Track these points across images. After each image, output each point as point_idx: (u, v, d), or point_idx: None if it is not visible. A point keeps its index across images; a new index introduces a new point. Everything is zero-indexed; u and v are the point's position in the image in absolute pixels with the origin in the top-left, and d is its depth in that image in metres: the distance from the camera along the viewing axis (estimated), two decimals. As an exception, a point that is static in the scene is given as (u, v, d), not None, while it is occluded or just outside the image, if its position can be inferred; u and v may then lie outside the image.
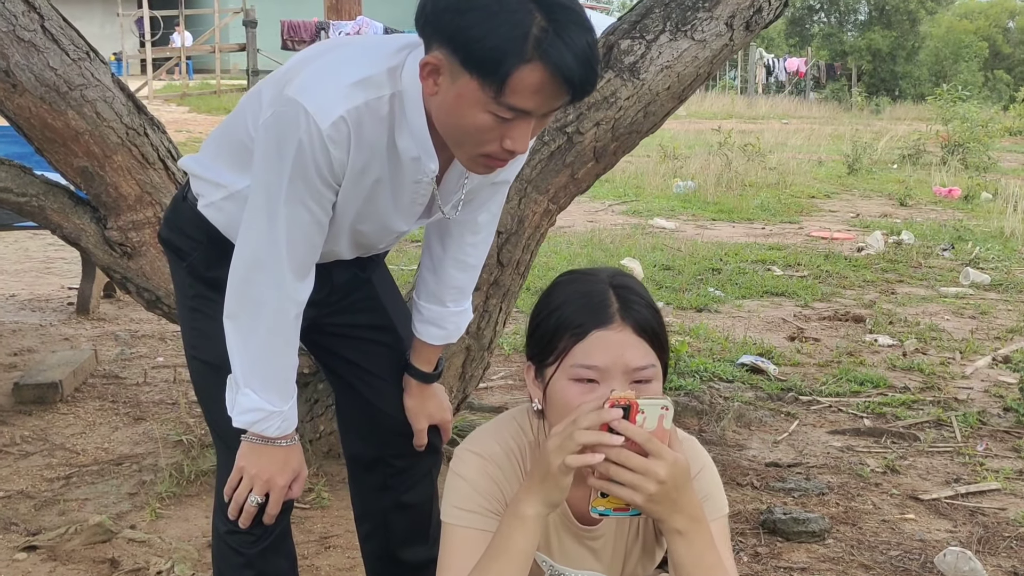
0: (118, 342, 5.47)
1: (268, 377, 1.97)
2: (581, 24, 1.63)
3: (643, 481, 1.59)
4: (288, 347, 1.98)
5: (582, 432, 1.60)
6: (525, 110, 1.67)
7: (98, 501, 3.51)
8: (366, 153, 1.83)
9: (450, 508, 1.82)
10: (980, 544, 3.39)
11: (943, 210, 11.67)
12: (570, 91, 1.65)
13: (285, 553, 2.25)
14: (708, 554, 1.68)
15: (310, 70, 1.81)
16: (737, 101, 29.75)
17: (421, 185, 1.93)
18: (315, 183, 1.82)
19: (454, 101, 1.70)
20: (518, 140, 1.72)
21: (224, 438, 2.13)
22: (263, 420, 1.98)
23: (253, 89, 2.00)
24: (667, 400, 1.63)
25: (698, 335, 5.86)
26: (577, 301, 1.75)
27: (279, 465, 2.03)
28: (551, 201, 3.38)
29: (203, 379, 2.19)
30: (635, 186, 12.50)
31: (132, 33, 25.77)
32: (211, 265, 2.09)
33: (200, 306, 2.14)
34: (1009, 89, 33.91)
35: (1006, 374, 5.34)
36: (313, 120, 1.74)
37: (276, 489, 2.04)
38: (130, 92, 3.38)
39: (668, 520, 1.65)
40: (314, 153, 1.77)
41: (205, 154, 2.11)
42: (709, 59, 3.31)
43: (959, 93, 18.19)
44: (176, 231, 2.16)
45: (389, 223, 2.03)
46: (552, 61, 1.61)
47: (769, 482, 3.83)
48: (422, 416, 2.29)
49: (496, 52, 1.60)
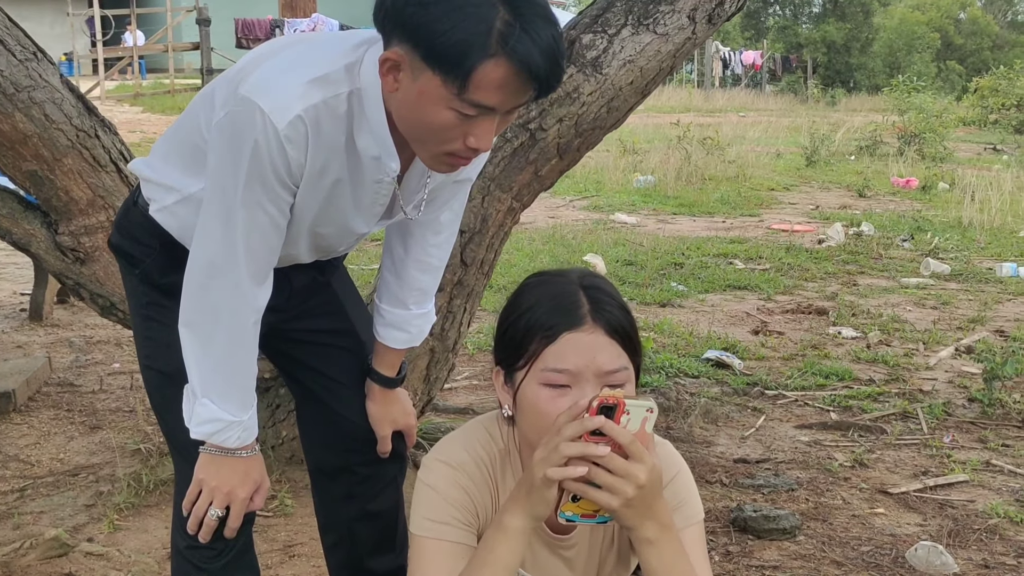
0: (73, 349, 5.35)
1: (227, 386, 1.90)
2: (546, 18, 1.58)
3: (623, 484, 1.55)
4: (247, 355, 1.91)
5: (567, 444, 1.55)
6: (489, 106, 1.62)
7: (54, 514, 3.41)
8: (324, 153, 1.77)
9: (420, 519, 1.77)
10: (950, 537, 3.37)
11: (901, 201, 11.74)
12: (535, 86, 1.60)
13: (247, 566, 2.18)
14: (679, 563, 1.65)
15: (265, 68, 1.75)
16: (694, 94, 29.85)
17: (382, 185, 1.88)
18: (272, 185, 1.75)
19: (415, 98, 1.64)
20: (482, 138, 1.67)
21: (181, 450, 2.06)
22: (222, 431, 1.91)
23: (205, 89, 1.93)
24: (653, 403, 1.60)
25: (663, 330, 5.84)
26: (547, 303, 1.70)
27: (240, 477, 1.96)
28: (515, 199, 3.32)
29: (158, 390, 2.12)
30: (595, 181, 12.48)
31: (83, 33, 25.40)
32: (165, 272, 2.02)
33: (154, 314, 2.07)
34: (961, 80, 34.24)
35: (969, 364, 5.35)
36: (269, 119, 1.68)
37: (237, 502, 1.97)
38: (80, 93, 3.28)
39: (639, 528, 1.62)
40: (271, 154, 1.71)
41: (156, 157, 2.03)
42: (672, 53, 3.27)
43: (914, 84, 18.34)
44: (127, 237, 2.08)
45: (349, 225, 1.96)
46: (517, 56, 1.55)
47: (738, 479, 3.80)
48: (386, 422, 2.23)
49: (459, 47, 1.55)
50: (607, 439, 1.55)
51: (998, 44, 40.70)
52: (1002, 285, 7.38)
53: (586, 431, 1.55)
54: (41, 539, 3.11)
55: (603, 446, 1.55)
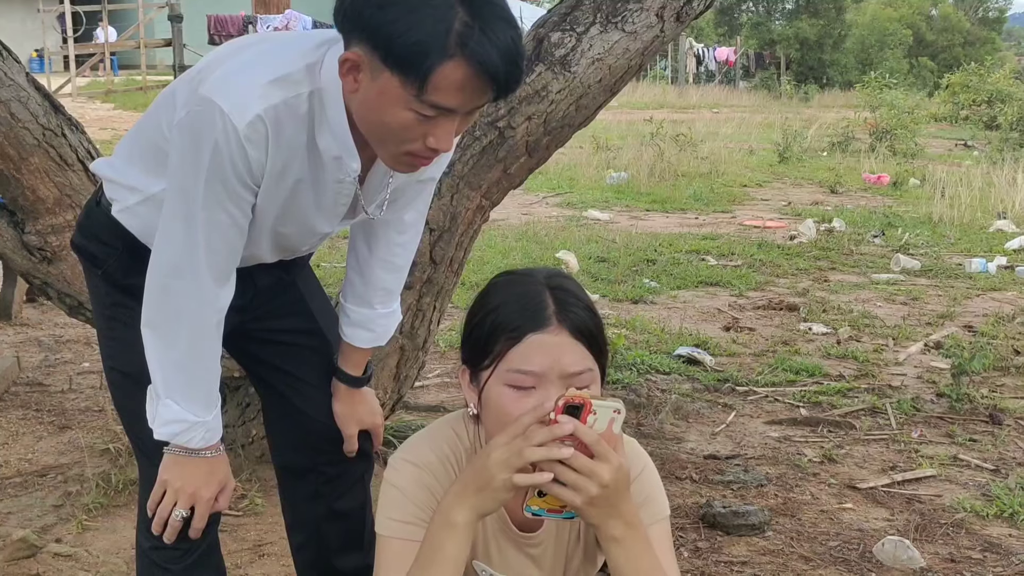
0: (42, 348, 5.32)
1: (190, 387, 1.90)
2: (505, 19, 1.58)
3: (586, 483, 1.56)
4: (211, 355, 1.91)
5: (532, 449, 1.55)
6: (448, 108, 1.62)
7: (21, 515, 3.39)
8: (285, 153, 1.76)
9: (384, 519, 1.77)
10: (917, 532, 3.40)
11: (873, 196, 11.81)
12: (494, 88, 1.60)
13: (213, 566, 2.18)
14: (645, 560, 1.65)
15: (225, 68, 1.74)
16: (668, 91, 29.92)
17: (344, 185, 1.87)
18: (233, 185, 1.75)
19: (375, 98, 1.64)
20: (442, 138, 1.67)
21: (145, 451, 2.06)
22: (186, 431, 1.91)
23: (167, 88, 1.93)
24: (620, 404, 1.60)
25: (634, 327, 5.85)
26: (513, 303, 1.70)
27: (204, 477, 1.96)
28: (484, 197, 3.32)
29: (122, 391, 2.11)
30: (568, 178, 12.49)
31: (54, 29, 25.21)
32: (128, 272, 2.01)
33: (117, 315, 2.06)
34: (933, 76, 34.42)
35: (938, 359, 5.39)
36: (229, 120, 1.68)
37: (202, 502, 1.97)
38: (46, 92, 3.26)
39: (604, 526, 1.62)
40: (231, 154, 1.71)
41: (118, 157, 2.02)
42: (640, 51, 3.27)
43: (885, 81, 18.44)
44: (90, 237, 2.07)
45: (311, 224, 1.96)
46: (476, 57, 1.55)
47: (708, 475, 3.82)
48: (352, 421, 2.23)
49: (418, 48, 1.55)
50: (573, 438, 1.56)
51: (969, 40, 40.93)
52: (971, 281, 7.44)
53: (554, 438, 1.55)
54: (9, 540, 3.09)
55: (567, 447, 1.55)
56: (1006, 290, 7.19)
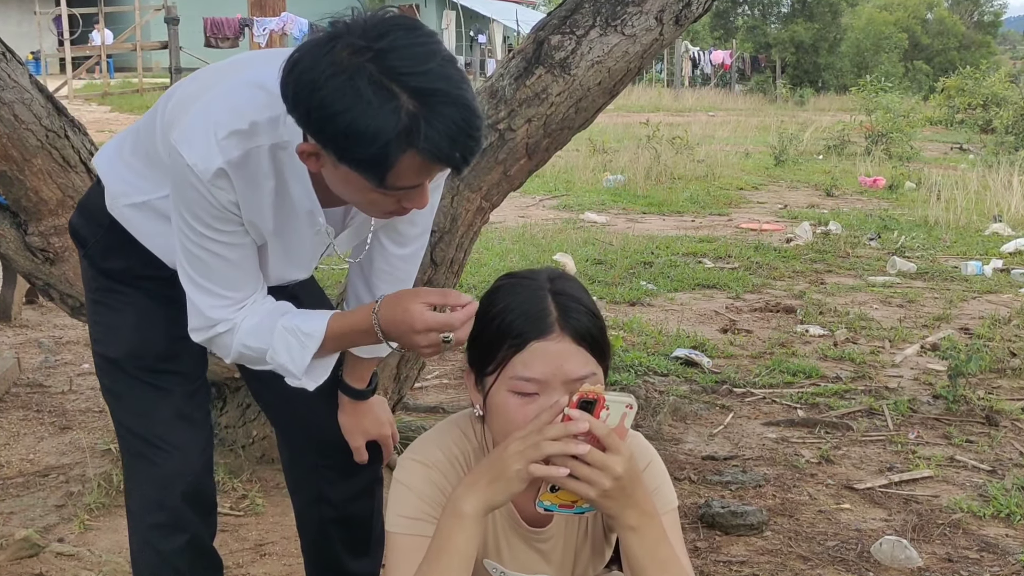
0: (42, 349, 5.33)
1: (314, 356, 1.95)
2: (451, 102, 1.54)
3: (600, 476, 1.59)
4: (296, 323, 1.93)
5: (549, 443, 1.58)
6: (412, 186, 1.65)
7: (24, 515, 3.41)
8: (251, 206, 1.82)
9: (395, 517, 1.80)
10: (915, 532, 3.43)
11: (868, 200, 11.85)
12: (450, 167, 1.61)
13: (207, 551, 2.25)
14: (661, 548, 1.68)
15: (191, 116, 1.78)
16: (664, 94, 30.01)
17: (320, 236, 1.93)
18: (218, 218, 1.81)
19: (342, 182, 1.68)
20: (415, 200, 1.70)
21: (123, 435, 2.13)
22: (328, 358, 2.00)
23: (162, 99, 1.97)
24: (632, 399, 1.63)
25: (632, 329, 5.87)
26: (516, 310, 1.72)
27: (403, 328, 1.87)
28: (484, 199, 3.35)
29: (105, 375, 2.16)
30: (565, 180, 12.52)
31: (50, 31, 25.24)
32: (107, 254, 2.07)
33: (102, 298, 2.11)
34: (928, 79, 34.47)
35: (934, 361, 5.42)
36: (195, 171, 1.74)
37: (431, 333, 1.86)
38: (49, 93, 3.28)
39: (620, 516, 1.65)
40: (207, 196, 1.77)
41: (120, 158, 2.07)
42: (639, 54, 3.29)
43: (881, 84, 18.48)
44: (84, 216, 2.13)
45: (281, 274, 2.03)
46: (427, 149, 1.54)
47: (706, 475, 3.84)
48: (357, 433, 2.24)
49: (371, 153, 1.54)
50: (586, 433, 1.58)
51: (964, 44, 41.01)
52: (967, 283, 7.47)
53: (570, 434, 1.58)
54: (11, 540, 3.11)
55: (583, 444, 1.58)
56: (1002, 292, 7.22)
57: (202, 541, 2.20)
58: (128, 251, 2.04)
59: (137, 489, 2.17)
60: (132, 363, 2.09)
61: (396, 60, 1.52)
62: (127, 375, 2.09)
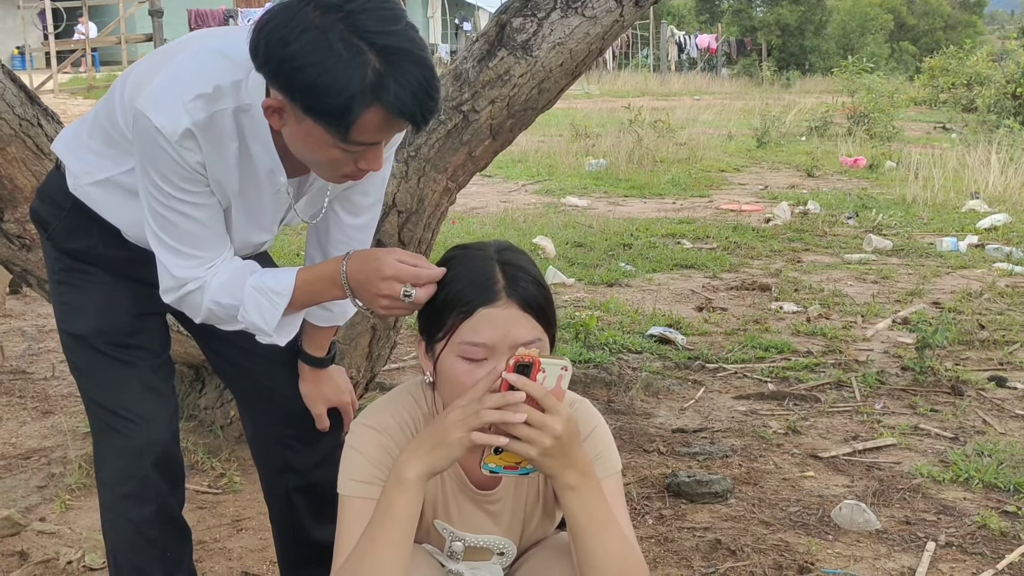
0: (25, 337, 5.40)
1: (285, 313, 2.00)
2: (415, 60, 1.66)
3: (539, 435, 1.66)
4: (266, 279, 1.98)
5: (488, 411, 1.65)
6: (372, 143, 1.74)
7: (6, 495, 3.49)
8: (217, 165, 1.89)
9: (346, 480, 1.87)
10: (875, 496, 3.52)
11: (848, 179, 11.93)
12: (411, 124, 1.71)
13: (176, 520, 2.33)
14: (600, 508, 1.76)
15: (157, 81, 1.86)
16: (650, 79, 30.03)
17: (280, 196, 2.01)
18: (186, 179, 1.87)
19: (302, 138, 1.76)
20: (372, 161, 1.80)
21: (92, 410, 2.21)
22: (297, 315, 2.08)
23: (118, 81, 2.04)
24: (567, 361, 1.70)
25: (608, 309, 5.95)
26: (465, 278, 1.80)
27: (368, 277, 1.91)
28: (450, 179, 3.42)
29: (72, 353, 2.23)
30: (548, 165, 12.58)
31: (35, 26, 25.17)
32: (70, 235, 2.15)
33: (66, 278, 2.19)
34: (914, 60, 34.58)
35: (904, 335, 5.51)
36: (162, 133, 1.81)
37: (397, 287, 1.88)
38: (21, 83, 3.34)
39: (560, 476, 1.72)
40: (174, 156, 1.84)
41: (76, 140, 2.14)
42: (600, 35, 3.36)
43: (864, 65, 18.56)
44: (45, 199, 2.20)
45: (246, 237, 2.09)
46: (391, 103, 1.64)
47: (675, 447, 3.92)
48: (318, 400, 2.33)
49: (337, 104, 1.64)
50: (524, 394, 1.66)
51: (950, 24, 41.09)
52: (941, 259, 7.57)
53: (508, 404, 1.65)
54: (-7, 519, 3.19)
55: (520, 413, 1.65)
56: (975, 268, 7.32)
57: (171, 510, 2.28)
58: (91, 230, 2.11)
59: (108, 461, 2.24)
60: (99, 339, 2.16)
61: (366, 20, 1.63)
62: (95, 351, 2.17)
